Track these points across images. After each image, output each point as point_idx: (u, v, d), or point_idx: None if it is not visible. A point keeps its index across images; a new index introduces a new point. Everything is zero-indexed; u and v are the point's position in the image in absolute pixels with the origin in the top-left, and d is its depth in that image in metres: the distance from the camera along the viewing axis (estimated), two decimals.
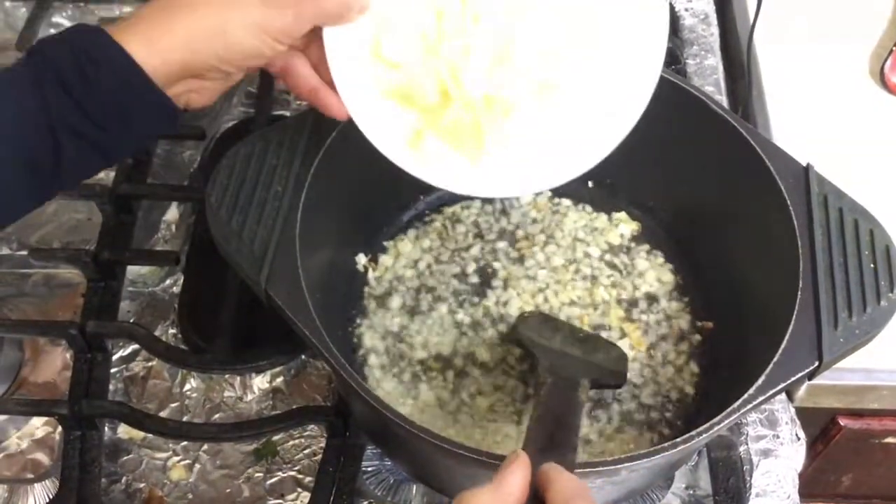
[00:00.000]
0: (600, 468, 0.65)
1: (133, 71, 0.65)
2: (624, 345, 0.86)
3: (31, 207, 0.69)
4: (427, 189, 0.94)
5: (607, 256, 0.94)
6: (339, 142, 0.80)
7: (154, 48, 0.65)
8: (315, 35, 0.70)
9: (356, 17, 0.70)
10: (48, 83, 0.64)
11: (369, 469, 0.84)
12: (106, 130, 0.66)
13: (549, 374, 0.73)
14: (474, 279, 0.91)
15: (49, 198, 0.69)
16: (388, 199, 0.92)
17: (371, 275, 0.92)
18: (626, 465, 0.65)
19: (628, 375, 0.83)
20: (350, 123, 0.78)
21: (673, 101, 0.83)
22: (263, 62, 0.70)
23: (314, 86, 0.73)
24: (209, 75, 0.68)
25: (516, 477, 0.53)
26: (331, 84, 0.72)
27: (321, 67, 0.72)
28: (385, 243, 0.94)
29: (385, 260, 0.93)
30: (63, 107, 0.64)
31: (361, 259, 0.92)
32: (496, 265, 0.92)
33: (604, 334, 0.87)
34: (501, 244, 0.94)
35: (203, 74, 0.68)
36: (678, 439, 0.66)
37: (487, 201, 0.97)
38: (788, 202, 0.76)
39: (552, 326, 0.84)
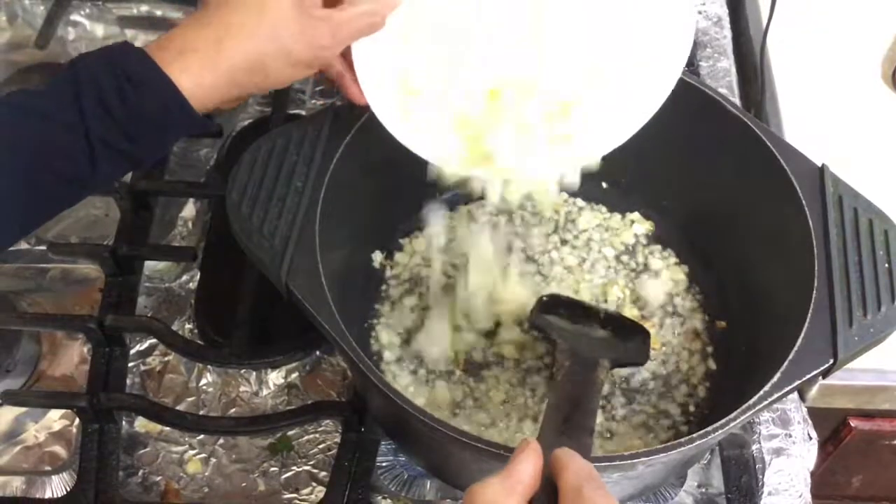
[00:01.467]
0: (617, 462, 0.65)
1: (176, 99, 0.68)
2: None
3: (60, 211, 0.73)
4: (443, 188, 0.95)
5: (622, 256, 0.94)
6: (358, 138, 0.80)
7: (199, 83, 0.68)
8: None
9: (384, 22, 0.73)
10: (88, 101, 0.66)
11: (384, 464, 0.85)
12: (140, 145, 0.70)
13: (567, 357, 0.73)
14: None
15: (77, 202, 0.73)
16: (404, 196, 0.93)
17: (387, 272, 0.92)
18: (643, 459, 0.65)
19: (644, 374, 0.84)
20: (368, 122, 0.80)
21: (687, 101, 0.84)
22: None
23: (339, 70, 0.77)
24: (245, 96, 0.75)
25: (527, 465, 0.52)
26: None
27: (346, 51, 0.75)
28: (401, 241, 0.94)
29: (401, 258, 0.93)
30: (102, 125, 0.67)
31: (377, 256, 0.93)
32: (510, 264, 0.93)
33: None
34: (517, 243, 0.94)
35: (240, 97, 0.73)
36: (694, 434, 0.67)
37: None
38: (804, 202, 0.77)
39: (570, 306, 0.83)
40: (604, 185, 0.97)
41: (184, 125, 0.70)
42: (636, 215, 0.97)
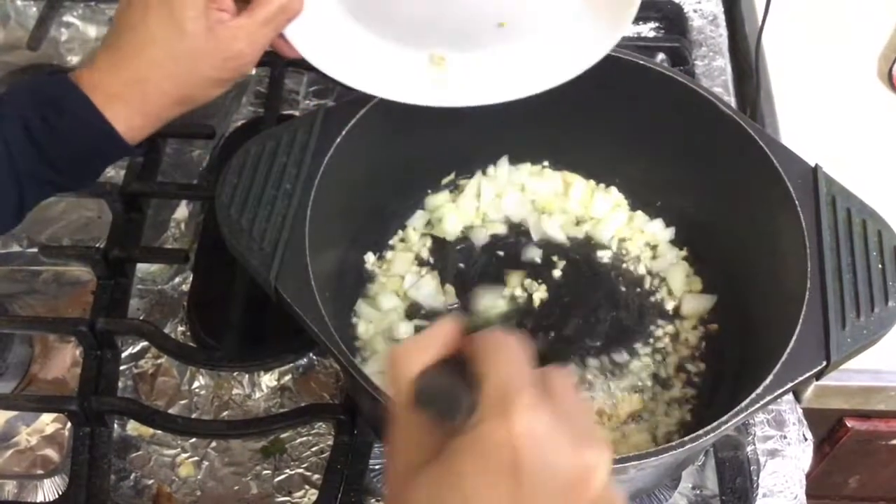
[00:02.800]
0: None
1: (103, 129, 0.67)
2: None
3: None
4: (435, 187, 0.95)
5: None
6: (349, 141, 0.80)
7: (132, 126, 0.69)
8: None
9: (302, 6, 0.72)
10: (11, 131, 0.66)
11: (377, 467, 0.84)
12: (67, 175, 0.70)
13: None
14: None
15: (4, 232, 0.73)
16: (396, 198, 0.93)
17: (378, 273, 0.92)
18: (635, 463, 0.65)
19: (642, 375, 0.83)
20: (359, 124, 0.79)
21: (681, 101, 0.84)
22: None
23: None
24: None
25: (443, 326, 0.47)
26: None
27: None
28: (392, 242, 0.94)
29: (392, 257, 0.93)
30: (26, 154, 0.66)
31: (370, 258, 0.92)
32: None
33: None
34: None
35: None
36: (686, 438, 0.66)
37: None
38: (797, 202, 0.76)
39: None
40: (596, 186, 0.96)
41: (113, 154, 0.70)
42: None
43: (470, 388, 0.44)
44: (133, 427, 0.88)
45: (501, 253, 0.93)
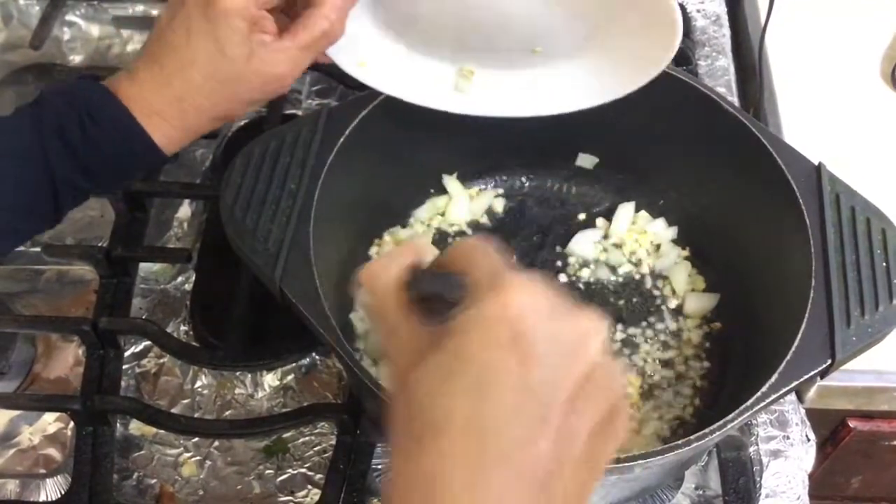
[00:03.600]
0: (614, 465, 0.65)
1: (141, 140, 0.68)
2: None
3: (17, 246, 0.73)
4: (438, 184, 0.95)
5: None
6: (353, 139, 0.80)
7: (171, 140, 0.70)
8: None
9: (343, 31, 0.71)
10: (49, 137, 0.66)
11: (380, 466, 0.84)
12: (101, 182, 0.71)
13: None
14: None
15: (37, 234, 0.75)
16: (401, 194, 0.92)
17: None
18: (640, 462, 0.65)
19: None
20: (362, 123, 0.79)
21: (685, 100, 0.84)
22: None
23: None
24: None
25: (412, 240, 0.49)
26: None
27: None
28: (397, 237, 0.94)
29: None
30: (63, 161, 0.67)
31: (374, 253, 0.92)
32: None
33: None
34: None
35: None
36: (691, 437, 0.66)
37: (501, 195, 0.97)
38: (801, 201, 0.76)
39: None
40: (598, 185, 0.96)
41: (150, 163, 0.71)
42: None
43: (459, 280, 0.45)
44: (136, 426, 0.88)
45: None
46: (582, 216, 0.96)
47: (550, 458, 0.41)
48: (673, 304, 0.90)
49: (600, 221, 0.95)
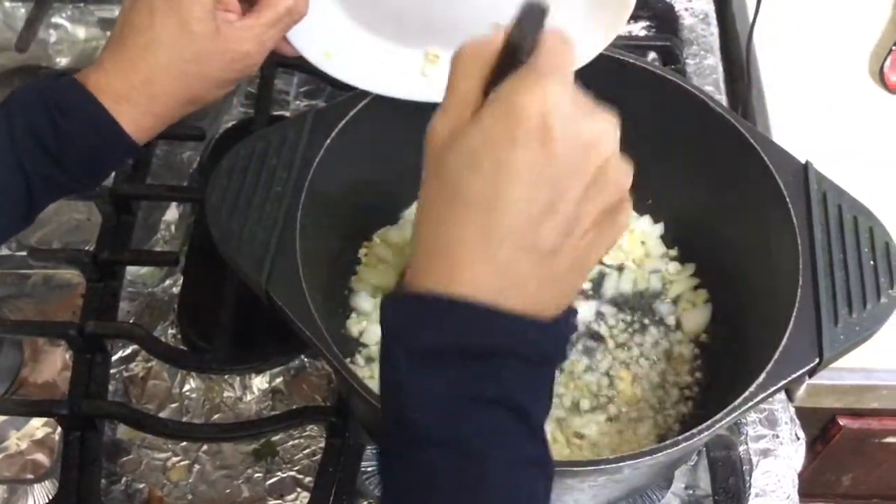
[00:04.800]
0: (602, 466, 0.65)
1: (110, 127, 0.67)
2: None
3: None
4: None
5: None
6: (340, 141, 0.80)
7: (141, 127, 0.69)
8: None
9: (307, 8, 0.72)
10: (19, 131, 0.66)
11: (369, 469, 0.84)
12: (77, 176, 0.69)
13: None
14: None
15: (11, 236, 0.74)
16: (389, 195, 0.92)
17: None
18: (628, 462, 0.65)
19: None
20: (349, 124, 0.79)
21: (672, 99, 0.84)
22: None
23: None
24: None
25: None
26: None
27: None
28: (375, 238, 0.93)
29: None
30: (34, 155, 0.66)
31: (363, 254, 0.92)
32: None
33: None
34: None
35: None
36: (680, 437, 0.66)
37: None
38: (787, 199, 0.76)
39: None
40: None
41: (121, 153, 0.70)
42: None
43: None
44: (124, 431, 0.88)
45: None
46: None
47: (556, 237, 0.47)
48: (662, 303, 0.90)
49: None
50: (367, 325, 0.88)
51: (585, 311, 0.89)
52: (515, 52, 0.49)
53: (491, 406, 0.46)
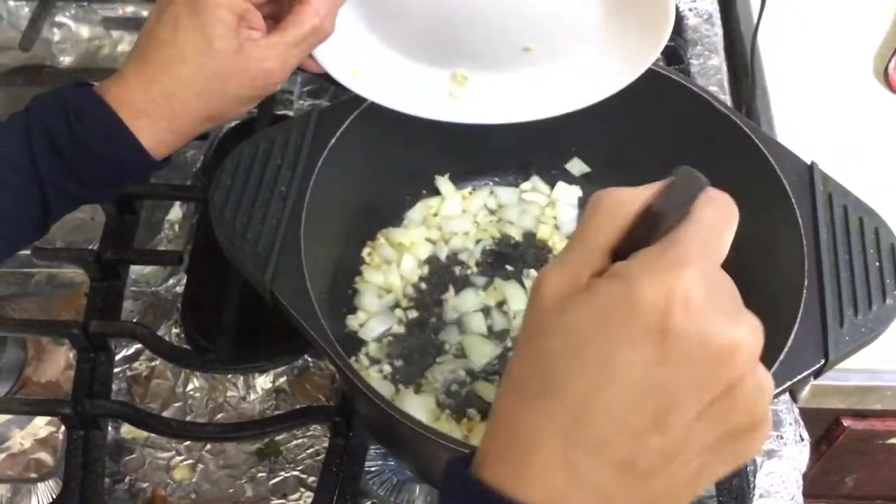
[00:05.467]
0: None
1: (127, 140, 0.66)
2: None
3: (10, 255, 0.72)
4: (430, 185, 0.95)
5: None
6: (344, 141, 0.79)
7: (159, 141, 0.68)
8: None
9: (332, 30, 0.71)
10: (37, 141, 0.65)
11: (372, 469, 0.84)
12: (92, 187, 0.69)
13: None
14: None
15: (32, 242, 0.74)
16: (393, 195, 0.92)
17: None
18: None
19: None
20: (353, 124, 0.79)
21: (676, 99, 0.84)
22: None
23: None
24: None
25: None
26: None
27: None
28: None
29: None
30: (51, 165, 0.66)
31: (366, 253, 0.92)
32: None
33: None
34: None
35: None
36: None
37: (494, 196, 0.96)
38: (793, 200, 0.76)
39: None
40: (590, 185, 0.96)
41: (139, 167, 0.69)
42: None
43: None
44: (127, 430, 0.88)
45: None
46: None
47: (657, 457, 0.39)
48: None
49: None
50: (367, 320, 0.88)
51: None
52: (656, 222, 0.42)
53: None
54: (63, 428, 0.87)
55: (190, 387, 0.90)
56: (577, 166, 0.95)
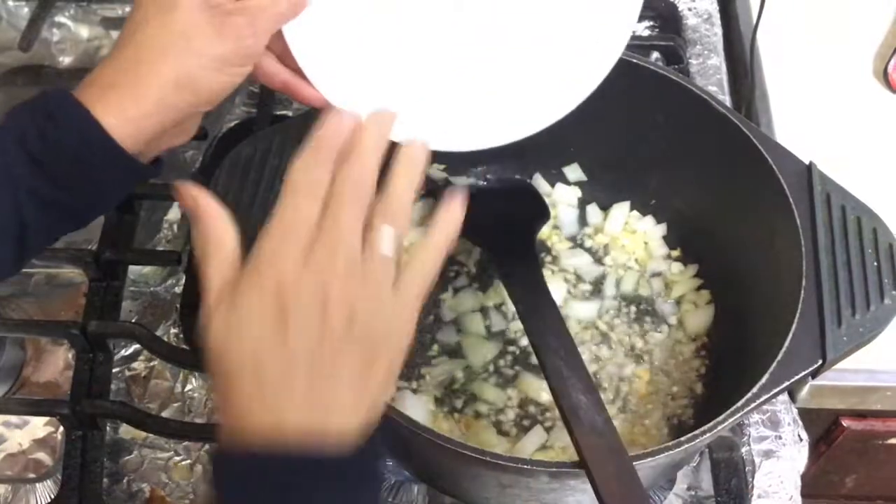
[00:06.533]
0: None
1: (94, 130, 0.62)
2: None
3: None
4: (429, 186, 0.95)
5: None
6: None
7: (127, 117, 0.63)
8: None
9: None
10: (8, 144, 0.62)
11: None
12: (71, 193, 0.65)
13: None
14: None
15: (12, 273, 0.67)
16: None
17: None
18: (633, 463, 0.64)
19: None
20: None
21: (675, 100, 0.84)
22: (235, 87, 0.68)
23: (285, 79, 0.70)
24: (187, 119, 0.68)
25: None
26: (299, 71, 0.70)
27: (287, 57, 0.69)
28: None
29: None
30: (27, 170, 0.62)
31: None
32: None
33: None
34: None
35: (181, 122, 0.67)
36: (682, 438, 0.66)
37: None
38: (791, 200, 0.76)
39: None
40: (589, 185, 0.96)
41: (114, 165, 0.64)
42: None
43: None
44: (126, 430, 0.88)
45: None
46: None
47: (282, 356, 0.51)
48: (665, 304, 0.90)
49: (592, 218, 0.95)
50: None
51: (588, 311, 0.89)
52: None
53: None
54: (62, 428, 0.87)
55: (188, 387, 0.90)
56: (573, 174, 0.95)
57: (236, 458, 0.50)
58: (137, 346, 0.91)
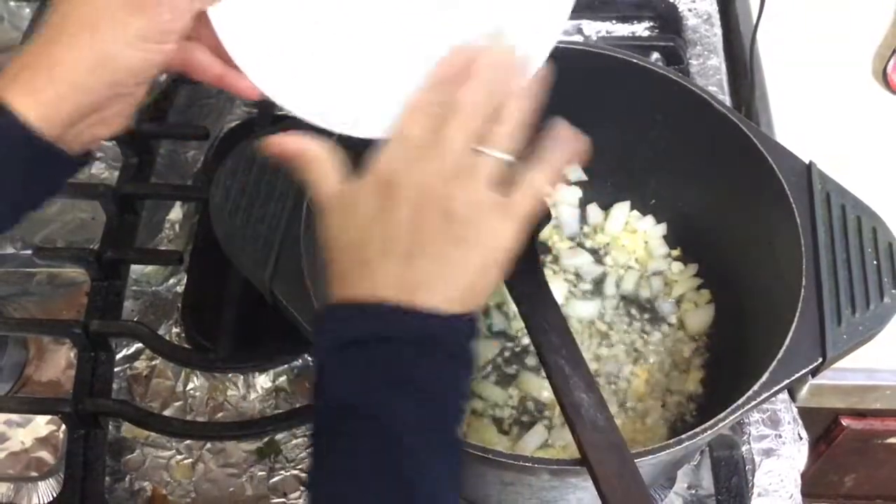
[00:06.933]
0: None
1: (11, 121, 0.58)
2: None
3: None
4: None
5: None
6: (342, 140, 0.79)
7: (40, 100, 0.59)
8: (204, 19, 0.64)
9: None
10: None
11: None
12: None
13: None
14: None
15: None
16: None
17: None
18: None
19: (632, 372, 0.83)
20: None
21: (675, 99, 0.84)
22: (158, 69, 0.64)
23: (218, 73, 0.67)
24: (108, 105, 0.63)
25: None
26: (234, 65, 0.66)
27: (221, 51, 0.65)
28: None
29: None
30: None
31: None
32: None
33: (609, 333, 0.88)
34: None
35: (102, 107, 0.62)
36: (682, 436, 0.66)
37: None
38: (791, 199, 0.76)
39: None
40: (590, 185, 0.96)
41: (36, 159, 0.61)
42: None
43: None
44: (128, 429, 0.88)
45: None
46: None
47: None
48: (665, 303, 0.90)
49: (592, 218, 0.96)
50: None
51: (589, 310, 0.89)
52: None
53: (401, 386, 0.53)
54: (64, 427, 0.87)
55: (190, 386, 0.91)
56: (574, 174, 0.96)
57: (336, 307, 0.56)
58: (139, 345, 0.92)
